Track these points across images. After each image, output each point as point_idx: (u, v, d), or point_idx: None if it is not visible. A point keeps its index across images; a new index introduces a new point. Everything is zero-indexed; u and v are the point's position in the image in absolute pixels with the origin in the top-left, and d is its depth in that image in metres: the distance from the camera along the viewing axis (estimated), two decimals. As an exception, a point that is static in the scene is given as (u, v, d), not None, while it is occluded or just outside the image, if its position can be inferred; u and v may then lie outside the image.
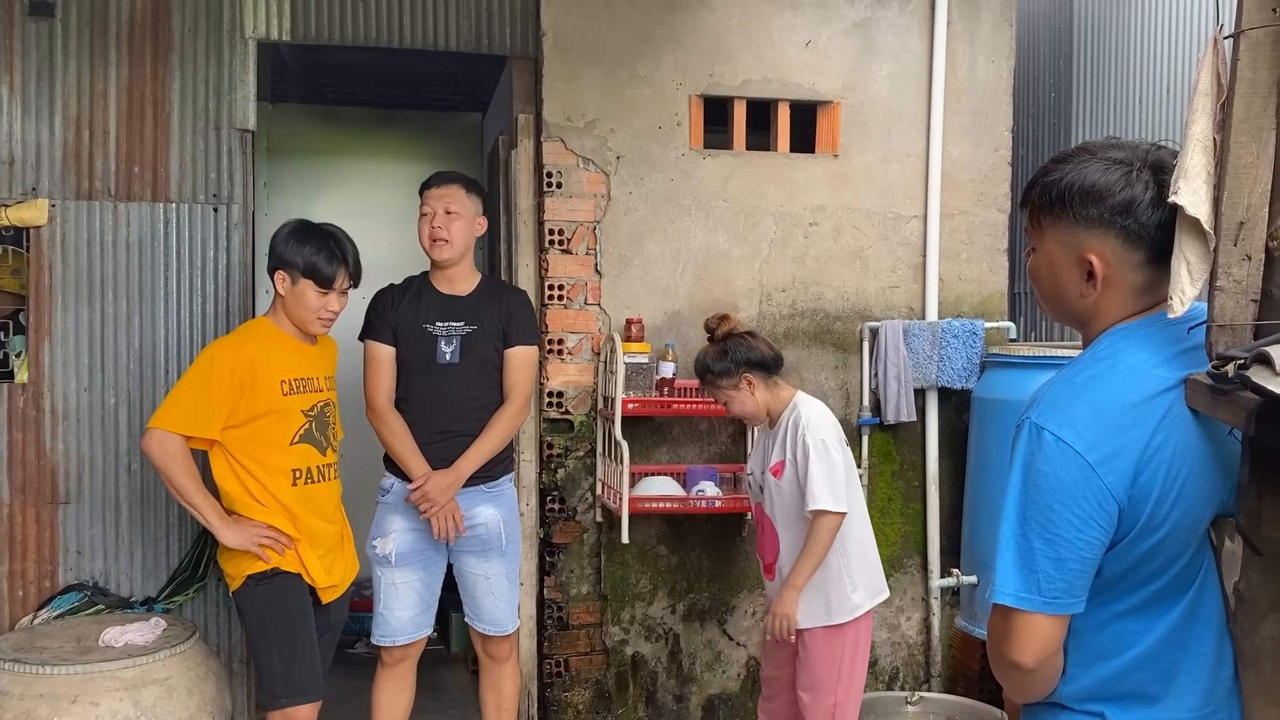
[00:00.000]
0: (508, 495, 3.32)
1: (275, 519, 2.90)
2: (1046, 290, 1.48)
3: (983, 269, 4.15)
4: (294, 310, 2.97)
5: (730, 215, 3.93)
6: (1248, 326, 1.27)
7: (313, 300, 2.95)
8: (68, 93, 3.49)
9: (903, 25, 4.05)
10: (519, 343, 3.24)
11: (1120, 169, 1.37)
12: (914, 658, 4.16)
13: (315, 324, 2.99)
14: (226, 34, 3.60)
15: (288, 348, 2.98)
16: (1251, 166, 1.25)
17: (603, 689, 3.90)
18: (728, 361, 3.02)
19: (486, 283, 3.33)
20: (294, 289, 2.95)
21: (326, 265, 2.94)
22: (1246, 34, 1.24)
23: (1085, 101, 4.55)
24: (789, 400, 3.05)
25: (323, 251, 2.94)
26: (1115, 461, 1.29)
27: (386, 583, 3.19)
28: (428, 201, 3.22)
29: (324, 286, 2.94)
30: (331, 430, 3.07)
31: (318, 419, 3.00)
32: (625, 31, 3.82)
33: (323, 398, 3.02)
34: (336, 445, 3.10)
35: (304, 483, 2.96)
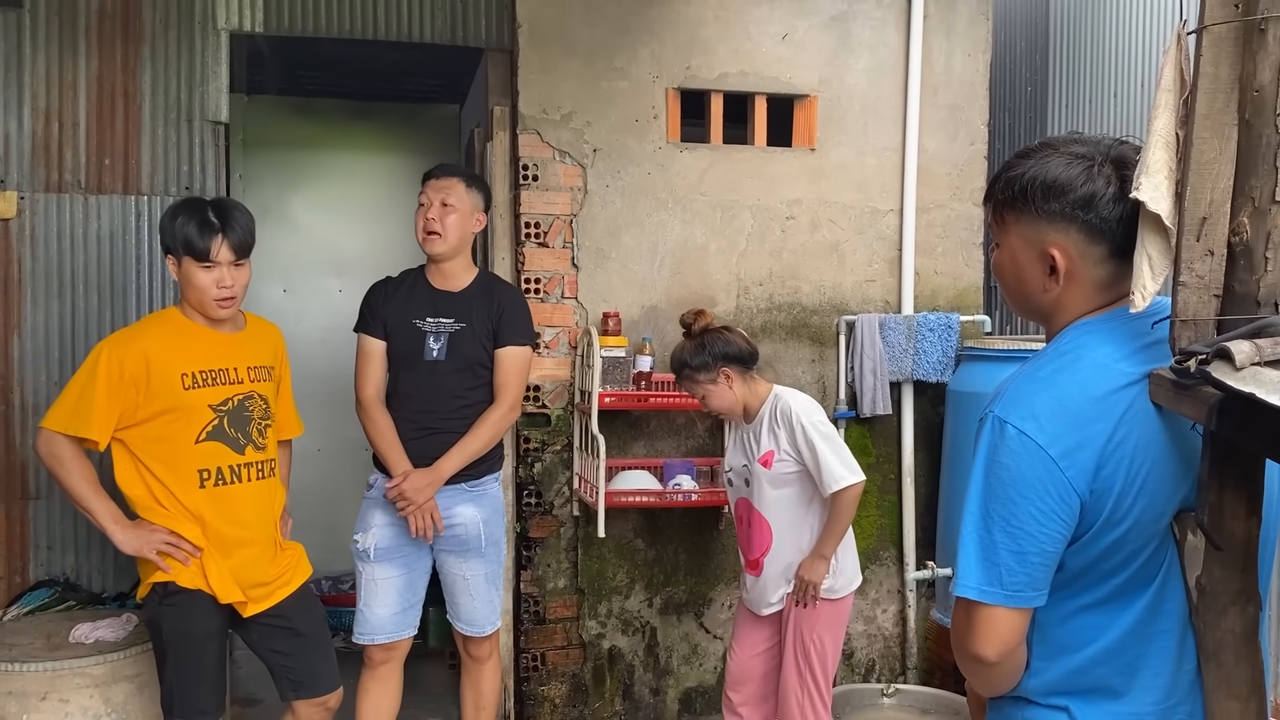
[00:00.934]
0: (490, 495, 3.23)
1: (180, 524, 2.65)
2: (1010, 285, 1.49)
3: (958, 263, 4.17)
4: (191, 296, 2.68)
5: (707, 209, 3.92)
6: (1210, 322, 1.27)
7: (200, 278, 2.63)
8: (36, 84, 3.45)
9: (879, 19, 4.05)
10: (510, 342, 3.16)
11: (1082, 164, 1.37)
12: (890, 650, 4.18)
13: (211, 306, 2.66)
14: (198, 25, 3.57)
15: (194, 337, 2.70)
16: (1214, 162, 1.26)
17: (580, 683, 3.89)
18: (705, 355, 3.02)
19: (482, 279, 3.24)
20: (182, 271, 2.66)
21: (199, 237, 2.61)
22: (1209, 30, 1.25)
23: (1061, 96, 4.57)
24: (766, 394, 3.07)
25: (193, 221, 2.62)
26: (1077, 455, 1.30)
27: (366, 578, 3.13)
28: (425, 192, 3.14)
29: (203, 260, 2.62)
30: (257, 426, 2.76)
31: (233, 414, 2.70)
32: (601, 24, 3.81)
33: (241, 390, 2.72)
34: (266, 442, 2.79)
35: (214, 484, 2.68)
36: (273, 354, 2.87)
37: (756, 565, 3.07)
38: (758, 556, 3.06)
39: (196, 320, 2.71)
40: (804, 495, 3.00)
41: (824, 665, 3.03)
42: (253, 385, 2.76)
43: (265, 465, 2.79)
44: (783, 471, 2.98)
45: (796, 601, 3.01)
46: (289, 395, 2.99)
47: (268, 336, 2.89)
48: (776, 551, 3.02)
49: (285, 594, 2.83)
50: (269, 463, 2.81)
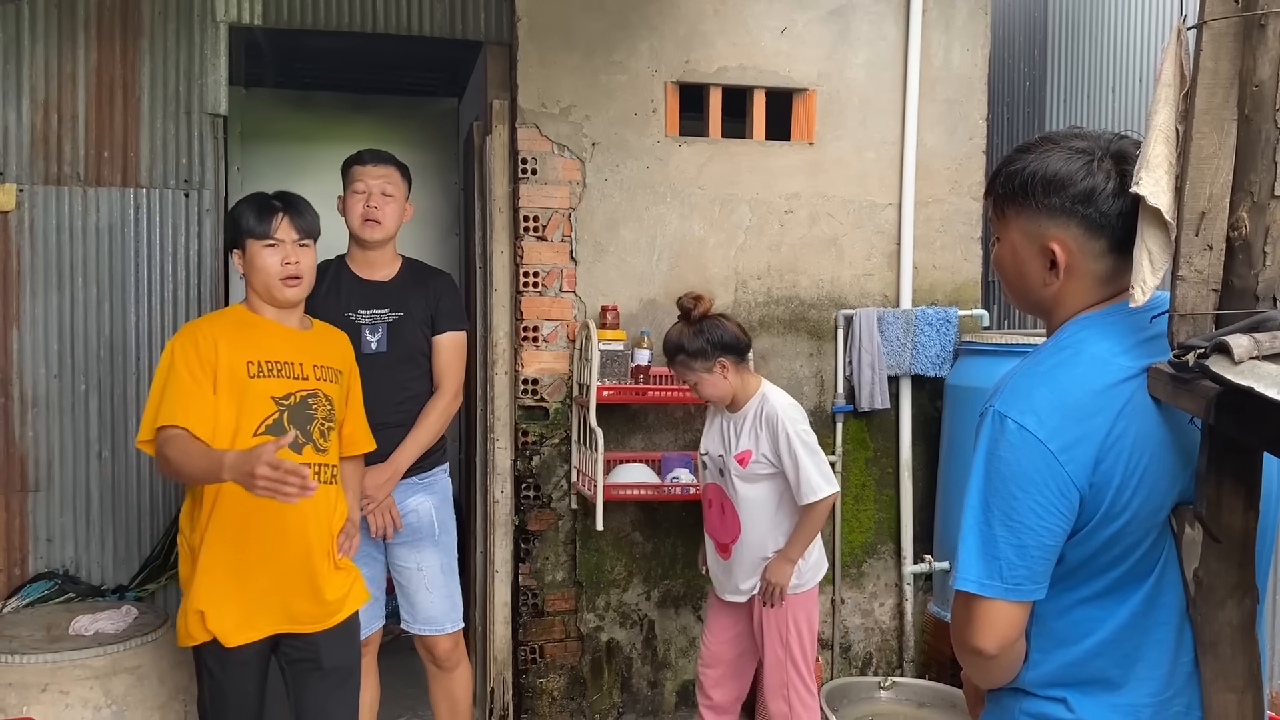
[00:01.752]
0: (441, 484, 3.21)
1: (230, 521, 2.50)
2: (1011, 279, 1.49)
3: (957, 257, 4.17)
4: (257, 281, 2.62)
5: (706, 203, 3.93)
6: (1209, 316, 1.28)
7: (264, 258, 2.59)
8: (35, 76, 3.44)
9: (878, 13, 4.05)
10: (448, 328, 3.13)
11: (1082, 158, 1.38)
12: (887, 643, 4.19)
13: (278, 286, 2.60)
14: (197, 17, 3.56)
15: (260, 329, 2.64)
16: (1213, 157, 1.26)
17: (578, 675, 3.90)
18: (703, 341, 3.01)
19: (409, 267, 3.18)
20: (246, 259, 2.63)
21: (258, 218, 2.60)
22: (1209, 25, 1.25)
23: (1059, 90, 4.58)
24: (755, 388, 3.09)
25: (253, 206, 2.63)
26: (1077, 449, 1.31)
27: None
28: (361, 179, 3.07)
29: (266, 238, 2.59)
30: (319, 426, 2.63)
31: (295, 409, 2.59)
32: (601, 17, 3.80)
33: (305, 386, 2.61)
34: (328, 445, 2.66)
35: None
36: (341, 358, 2.77)
37: (726, 549, 3.13)
38: (727, 542, 3.12)
39: (264, 313, 2.65)
40: (774, 494, 3.04)
41: (804, 652, 3.11)
42: (318, 384, 2.64)
43: (325, 470, 2.62)
44: (757, 472, 3.03)
45: (764, 603, 3.07)
46: (359, 407, 2.84)
47: (336, 341, 2.81)
48: (745, 542, 3.08)
49: (326, 626, 2.63)
50: (329, 468, 2.65)
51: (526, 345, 3.80)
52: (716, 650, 3.23)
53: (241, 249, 2.63)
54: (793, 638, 3.09)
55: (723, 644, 3.22)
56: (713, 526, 3.18)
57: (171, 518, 3.51)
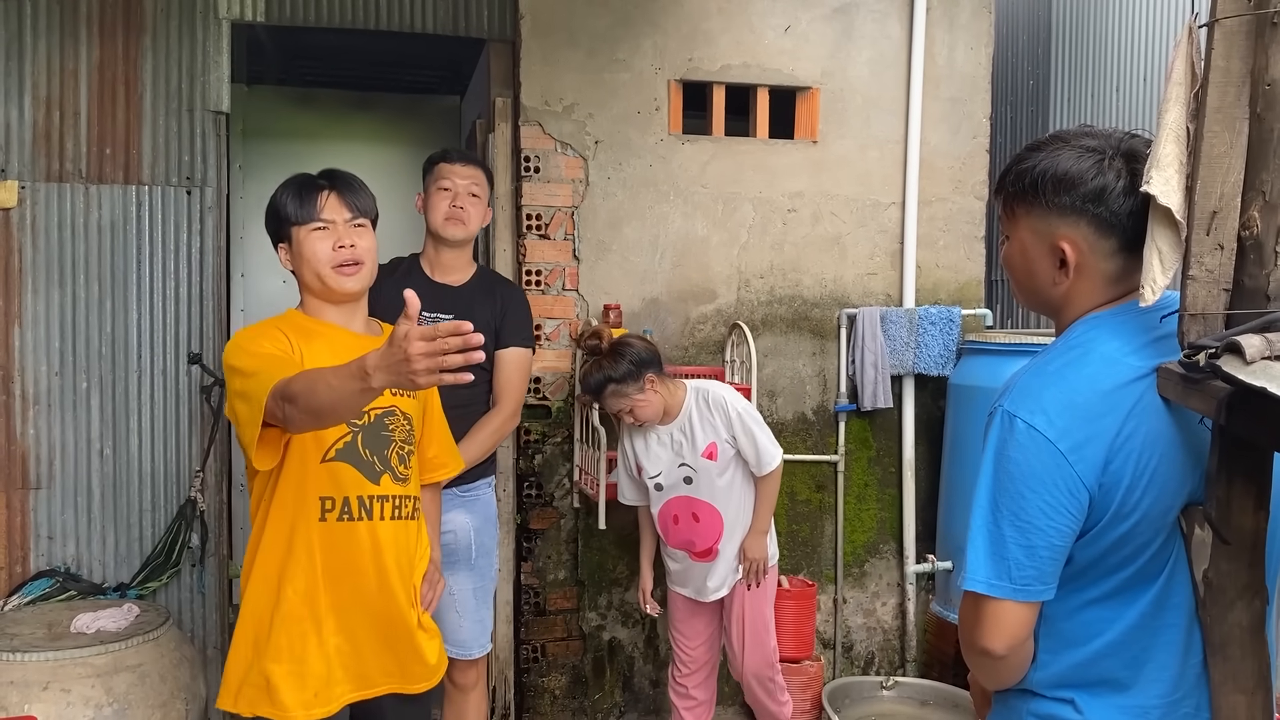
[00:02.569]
0: (484, 501, 3.04)
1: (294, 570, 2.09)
2: (1020, 278, 1.49)
3: (960, 256, 4.16)
4: (308, 273, 2.18)
5: (709, 201, 3.92)
6: (1219, 316, 1.27)
7: (312, 245, 2.16)
8: (37, 73, 3.43)
9: (882, 11, 4.04)
10: (513, 343, 3.00)
11: (1093, 157, 1.38)
12: (889, 642, 4.18)
13: (332, 275, 2.15)
14: (200, 14, 3.55)
15: (321, 336, 2.17)
16: (1225, 156, 1.26)
17: (579, 674, 3.90)
18: (626, 364, 3.02)
19: (482, 274, 3.08)
20: (294, 250, 2.20)
21: (300, 199, 2.18)
22: (1221, 24, 1.24)
23: (1063, 89, 4.57)
24: (683, 392, 3.14)
25: (293, 187, 2.21)
26: (1086, 449, 1.30)
27: None
28: (448, 177, 2.98)
29: (311, 220, 2.16)
30: (398, 450, 2.19)
31: (369, 431, 2.13)
32: (604, 15, 3.80)
33: (380, 403, 2.14)
34: (409, 474, 2.22)
35: (337, 517, 2.10)
36: None
37: (710, 553, 3.16)
38: (711, 545, 3.15)
39: (324, 316, 2.21)
40: (741, 475, 3.13)
41: (773, 635, 3.25)
42: (394, 399, 2.17)
43: (405, 503, 2.19)
44: (726, 458, 3.10)
45: (749, 585, 3.17)
46: (442, 423, 2.41)
47: None
48: (727, 534, 3.14)
49: (399, 691, 2.22)
50: (410, 501, 2.21)
51: (529, 343, 3.79)
52: (696, 654, 3.29)
53: (287, 240, 2.20)
54: (770, 613, 3.23)
55: (700, 647, 3.29)
56: (684, 540, 3.18)
57: (175, 515, 3.50)
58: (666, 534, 3.23)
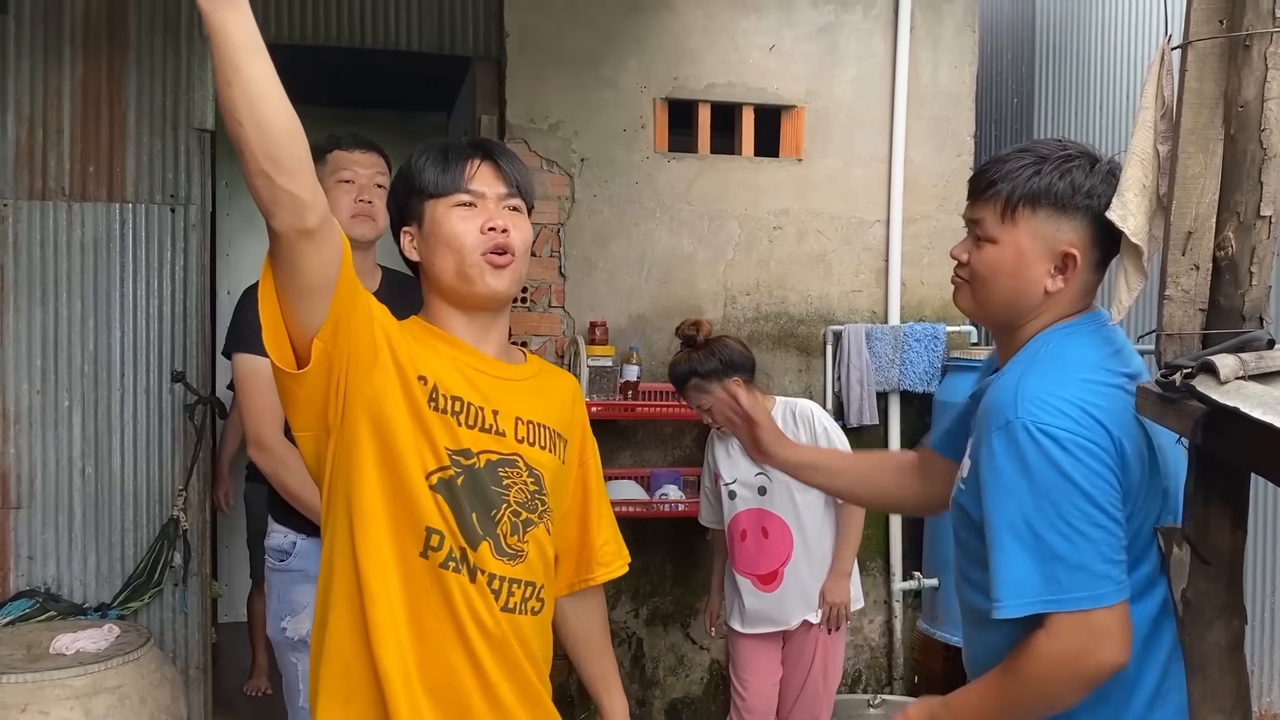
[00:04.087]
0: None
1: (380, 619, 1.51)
2: (1003, 281, 1.49)
3: (945, 273, 4.13)
4: (443, 264, 1.61)
5: (695, 218, 3.93)
6: (1195, 336, 1.28)
7: (453, 224, 1.60)
8: (20, 90, 3.42)
9: (866, 30, 4.06)
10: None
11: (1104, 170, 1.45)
12: (876, 660, 4.17)
13: (477, 266, 1.59)
14: (184, 31, 3.55)
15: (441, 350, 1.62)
16: (1199, 177, 1.26)
17: (565, 694, 3.88)
18: (716, 362, 2.97)
19: (390, 279, 2.57)
20: (424, 233, 1.64)
21: (444, 166, 1.63)
22: (1194, 45, 1.25)
23: (1047, 107, 4.59)
24: (771, 404, 3.03)
25: (433, 150, 1.66)
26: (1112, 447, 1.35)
27: (303, 672, 2.36)
28: (349, 167, 2.49)
29: (456, 191, 1.62)
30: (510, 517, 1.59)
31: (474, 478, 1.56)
32: (589, 33, 3.81)
33: (507, 449, 1.60)
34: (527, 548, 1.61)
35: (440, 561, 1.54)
36: (569, 415, 1.74)
37: (774, 577, 3.00)
38: (776, 567, 3.00)
39: (451, 327, 1.65)
40: (823, 498, 2.98)
41: (831, 693, 3.09)
42: (519, 446, 1.62)
43: (519, 589, 1.59)
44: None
45: (829, 629, 2.99)
46: (603, 499, 1.84)
47: (562, 388, 1.76)
48: (796, 559, 2.98)
49: None
50: (533, 590, 1.61)
51: (514, 361, 3.78)
52: (765, 693, 3.08)
53: (418, 220, 1.65)
54: (834, 667, 3.04)
55: (770, 686, 3.09)
56: (749, 560, 3.04)
57: (157, 534, 3.48)
58: (734, 554, 3.08)
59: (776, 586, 3.01)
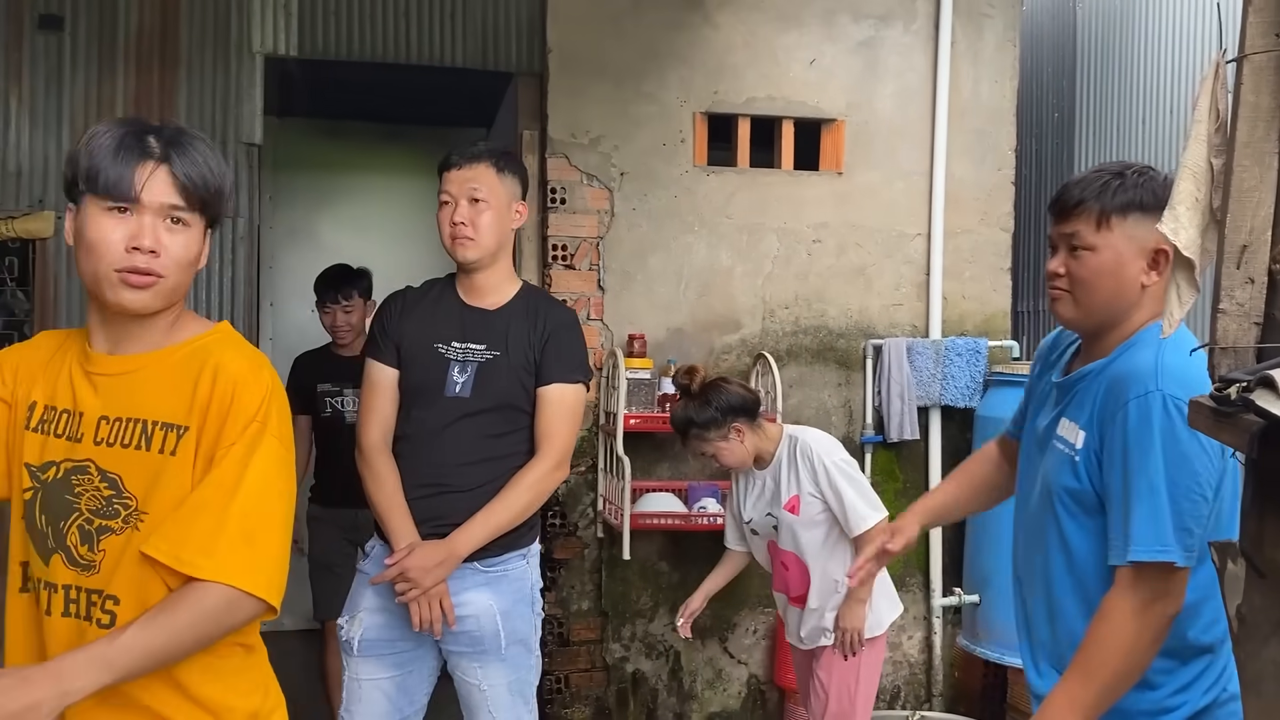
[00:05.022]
0: (512, 578, 2.47)
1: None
2: (1105, 282, 1.69)
3: (986, 288, 4.16)
4: (83, 266, 1.50)
5: (734, 232, 3.94)
6: (1250, 349, 1.27)
7: (103, 233, 1.46)
8: (75, 105, 3.51)
9: (907, 45, 4.06)
10: (558, 378, 2.42)
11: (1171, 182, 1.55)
12: (915, 677, 4.14)
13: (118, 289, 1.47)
14: (234, 48, 3.62)
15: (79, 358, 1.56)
16: (1254, 190, 1.26)
17: (603, 706, 3.88)
18: (713, 410, 2.88)
19: (526, 294, 2.51)
20: (79, 227, 1.50)
21: (111, 157, 1.46)
22: (1250, 58, 1.25)
23: (1088, 122, 4.57)
24: (778, 437, 2.97)
25: (105, 139, 1.48)
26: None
27: (350, 677, 2.43)
28: (445, 187, 2.44)
29: (111, 194, 1.46)
30: (81, 526, 1.49)
31: (50, 491, 1.50)
32: (631, 49, 3.84)
33: (80, 455, 1.49)
34: (98, 560, 1.48)
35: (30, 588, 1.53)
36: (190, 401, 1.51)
37: (801, 600, 2.99)
38: (801, 593, 2.99)
39: (92, 322, 1.57)
40: (833, 532, 2.93)
41: (868, 703, 3.00)
42: (95, 449, 1.50)
43: (103, 603, 1.48)
44: (812, 513, 2.91)
45: (844, 655, 2.94)
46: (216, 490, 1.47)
47: (200, 373, 1.52)
48: (815, 590, 2.96)
49: None
50: (100, 598, 1.48)
51: (554, 373, 3.80)
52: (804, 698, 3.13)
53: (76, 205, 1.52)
54: (858, 691, 2.97)
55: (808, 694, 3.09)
56: (782, 583, 3.05)
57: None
58: (772, 575, 3.09)
59: (804, 607, 3.00)
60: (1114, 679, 1.60)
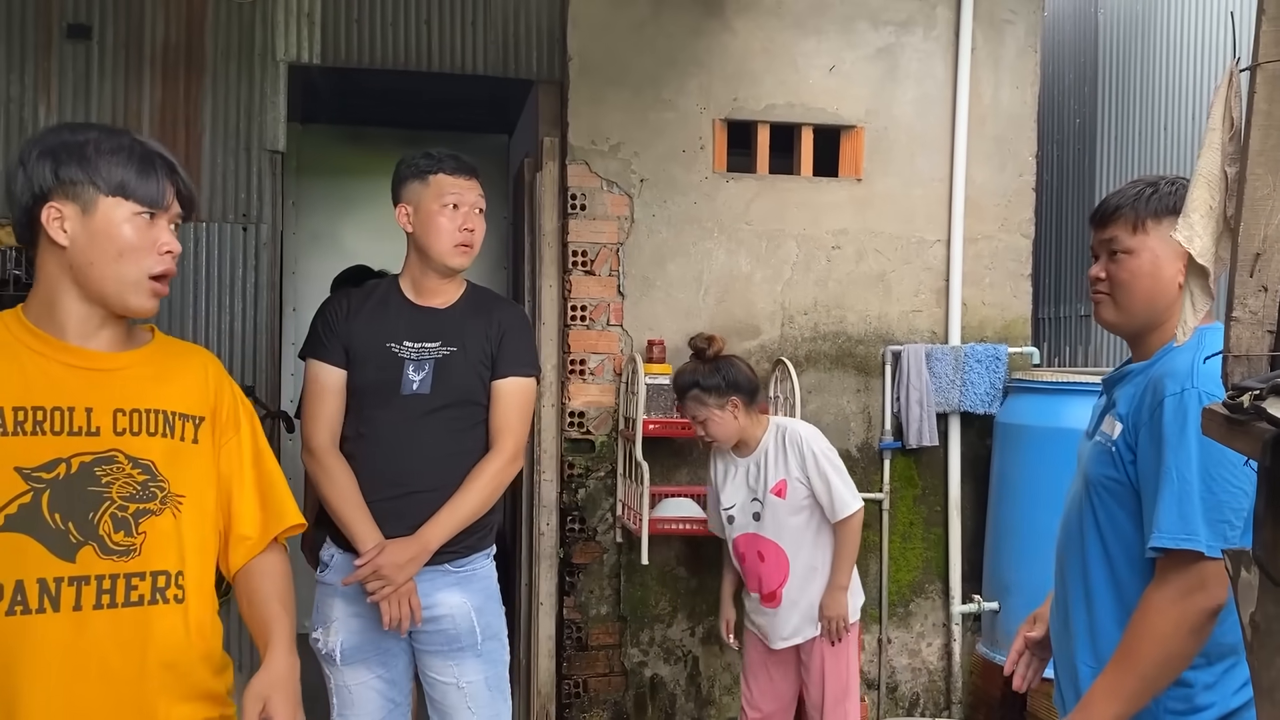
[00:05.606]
0: (480, 577, 2.51)
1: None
2: (1143, 283, 1.76)
3: (1006, 294, 4.15)
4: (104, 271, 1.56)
5: (753, 238, 3.95)
6: (1264, 358, 1.27)
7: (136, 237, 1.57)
8: (102, 113, 3.56)
9: (927, 51, 4.06)
10: (512, 372, 2.48)
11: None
12: (934, 684, 4.13)
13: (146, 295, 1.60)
14: (258, 56, 3.67)
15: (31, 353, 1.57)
16: (1268, 199, 1.26)
17: (621, 711, 3.89)
18: (719, 379, 3.04)
19: (473, 293, 2.57)
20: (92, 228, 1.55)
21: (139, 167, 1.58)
22: (1263, 67, 1.25)
23: (1110, 127, 4.55)
24: (764, 426, 3.11)
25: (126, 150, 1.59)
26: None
27: (338, 685, 2.47)
28: (456, 191, 2.48)
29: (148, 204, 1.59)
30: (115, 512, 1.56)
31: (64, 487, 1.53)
32: (650, 56, 3.86)
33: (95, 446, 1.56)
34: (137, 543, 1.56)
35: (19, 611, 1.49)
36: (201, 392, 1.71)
37: (774, 597, 3.09)
38: (775, 588, 3.08)
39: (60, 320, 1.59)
40: (814, 520, 3.06)
41: (855, 687, 3.13)
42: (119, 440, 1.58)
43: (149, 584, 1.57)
44: (798, 499, 3.04)
45: (830, 641, 3.06)
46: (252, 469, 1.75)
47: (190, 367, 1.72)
48: (794, 580, 3.06)
49: None
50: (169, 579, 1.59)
51: (573, 378, 3.83)
52: (762, 708, 3.20)
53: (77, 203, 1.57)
54: (850, 674, 3.10)
55: (766, 699, 3.19)
56: (753, 579, 3.14)
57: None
58: (741, 570, 3.19)
59: (776, 605, 3.09)
60: (1153, 669, 1.64)
